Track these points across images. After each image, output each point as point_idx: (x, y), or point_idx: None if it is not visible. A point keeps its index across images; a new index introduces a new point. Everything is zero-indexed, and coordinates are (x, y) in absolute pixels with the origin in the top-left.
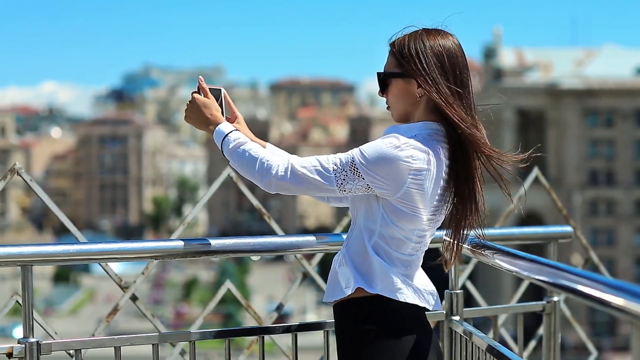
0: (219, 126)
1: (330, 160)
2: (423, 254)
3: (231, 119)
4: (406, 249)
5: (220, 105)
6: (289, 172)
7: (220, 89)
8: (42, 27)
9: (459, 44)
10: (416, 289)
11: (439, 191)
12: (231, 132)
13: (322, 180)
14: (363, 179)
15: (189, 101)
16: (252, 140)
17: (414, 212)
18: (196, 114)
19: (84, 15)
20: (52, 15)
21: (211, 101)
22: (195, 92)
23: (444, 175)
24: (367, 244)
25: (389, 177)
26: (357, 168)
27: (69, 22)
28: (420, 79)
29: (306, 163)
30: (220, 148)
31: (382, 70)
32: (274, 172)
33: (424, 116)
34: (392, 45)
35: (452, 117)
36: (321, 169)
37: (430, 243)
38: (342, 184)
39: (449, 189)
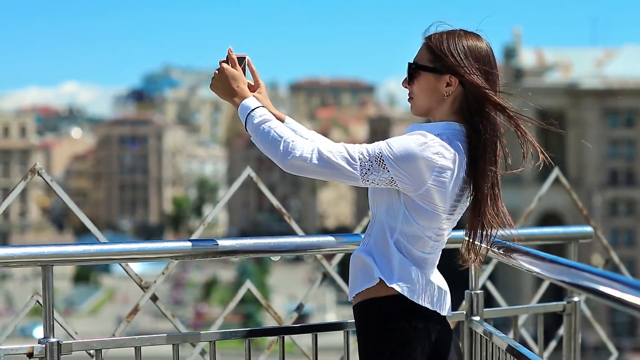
0: (245, 100)
1: (357, 148)
2: (440, 252)
3: (253, 87)
4: (425, 247)
5: (243, 71)
6: (314, 155)
7: (244, 56)
8: (63, 27)
9: (492, 48)
10: (432, 292)
11: (457, 191)
12: (257, 107)
13: (347, 167)
14: (388, 171)
15: (217, 70)
16: (276, 118)
17: (434, 210)
18: (223, 84)
19: (104, 15)
20: (73, 16)
21: (239, 73)
22: (223, 61)
23: (464, 175)
24: (389, 241)
25: (413, 172)
26: (383, 160)
27: (90, 23)
28: (457, 77)
29: (333, 148)
30: (244, 122)
31: (412, 62)
32: (297, 153)
33: (447, 116)
34: (429, 39)
35: (495, 103)
36: (347, 156)
37: (450, 243)
38: (366, 173)
39: (468, 190)
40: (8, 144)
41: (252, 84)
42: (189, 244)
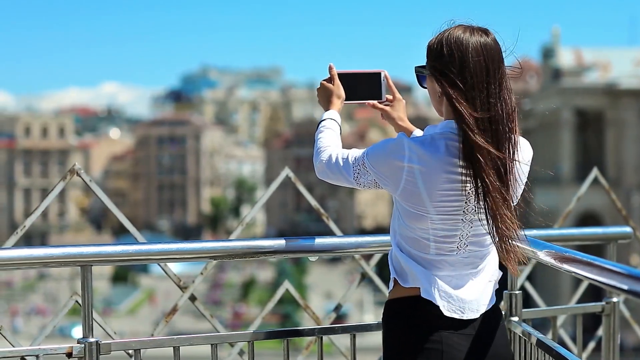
0: (327, 112)
1: (354, 153)
2: (470, 255)
3: (391, 100)
4: (427, 249)
5: (380, 87)
6: (327, 160)
7: (380, 73)
8: (103, 28)
9: (486, 42)
10: (447, 295)
11: (443, 191)
12: (326, 119)
13: (344, 171)
14: (369, 173)
15: (318, 87)
16: (334, 131)
17: (419, 212)
18: (322, 97)
19: (143, 16)
20: (113, 16)
21: (334, 88)
22: (329, 78)
23: (452, 175)
24: (393, 243)
25: (386, 174)
26: (364, 163)
27: (129, 23)
28: (438, 76)
29: (340, 153)
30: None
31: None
32: (318, 159)
33: (448, 115)
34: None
35: (461, 115)
36: (347, 160)
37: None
38: (357, 177)
39: (471, 189)
40: (47, 144)
41: (390, 98)
42: (227, 244)
